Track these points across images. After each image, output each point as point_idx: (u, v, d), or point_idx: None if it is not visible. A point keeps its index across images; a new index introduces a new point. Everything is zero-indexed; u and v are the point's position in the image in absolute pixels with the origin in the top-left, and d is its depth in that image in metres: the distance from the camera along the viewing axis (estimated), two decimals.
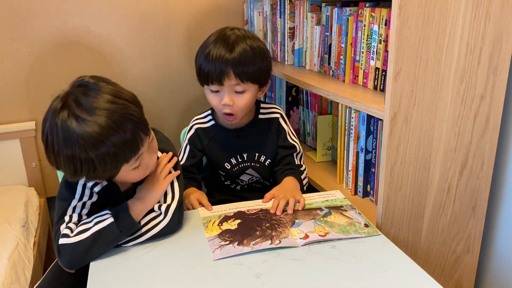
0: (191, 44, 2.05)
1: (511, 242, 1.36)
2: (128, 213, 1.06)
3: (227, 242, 1.06)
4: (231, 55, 1.25)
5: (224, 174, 1.44)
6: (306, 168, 1.45)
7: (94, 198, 1.12)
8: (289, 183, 1.32)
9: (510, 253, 1.37)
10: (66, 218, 1.07)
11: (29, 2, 1.79)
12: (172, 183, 1.16)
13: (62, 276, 1.20)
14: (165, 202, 1.13)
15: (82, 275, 0.99)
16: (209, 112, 1.45)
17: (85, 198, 1.10)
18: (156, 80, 2.06)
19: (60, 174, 1.46)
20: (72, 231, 1.04)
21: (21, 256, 1.43)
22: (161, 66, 2.03)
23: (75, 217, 1.08)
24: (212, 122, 1.43)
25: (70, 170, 0.97)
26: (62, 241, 1.03)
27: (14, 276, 1.32)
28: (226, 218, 1.17)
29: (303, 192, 1.35)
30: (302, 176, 1.39)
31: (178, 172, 1.17)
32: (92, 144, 0.94)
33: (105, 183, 1.12)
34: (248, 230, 1.11)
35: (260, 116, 1.43)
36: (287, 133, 1.44)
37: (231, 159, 1.42)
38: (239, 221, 1.15)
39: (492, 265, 1.43)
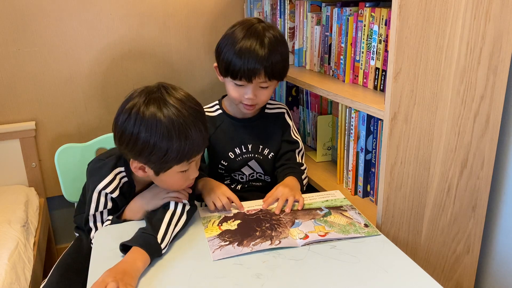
0: (191, 44, 2.05)
1: (511, 242, 1.36)
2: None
3: (227, 243, 1.06)
4: (263, 54, 1.28)
5: (226, 164, 1.45)
6: (307, 168, 1.46)
7: (109, 205, 1.19)
8: (289, 182, 1.32)
9: (510, 253, 1.37)
10: (92, 226, 1.19)
11: (29, 2, 1.79)
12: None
13: (68, 275, 1.20)
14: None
15: (87, 273, 1.00)
16: (217, 102, 1.49)
17: (100, 207, 1.18)
18: (156, 80, 2.06)
19: (60, 175, 1.47)
20: None
21: (21, 256, 1.43)
22: (161, 66, 2.03)
23: (99, 227, 1.19)
24: (219, 111, 1.46)
25: (142, 155, 1.06)
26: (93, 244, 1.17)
27: (14, 276, 1.32)
28: (226, 219, 1.17)
29: (303, 191, 1.36)
30: (303, 176, 1.40)
31: (182, 200, 1.18)
32: (176, 132, 1.04)
33: (124, 179, 1.20)
34: (248, 230, 1.11)
35: (267, 111, 1.48)
36: (291, 128, 1.48)
37: (236, 149, 1.44)
38: (238, 221, 1.15)
39: (492, 265, 1.43)
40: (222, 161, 1.45)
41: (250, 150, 1.45)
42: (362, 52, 1.36)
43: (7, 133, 1.83)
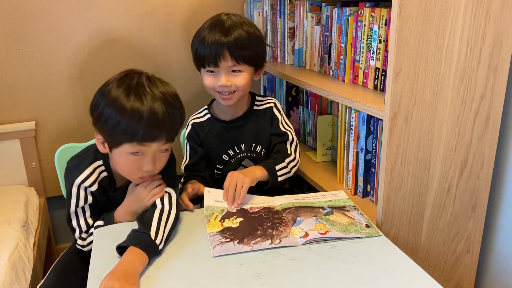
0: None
1: (511, 242, 1.36)
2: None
3: (228, 240, 1.06)
4: (227, 38, 1.28)
5: (221, 167, 1.45)
6: (297, 159, 1.42)
7: (90, 199, 1.18)
8: (246, 169, 1.32)
9: (510, 253, 1.37)
10: (75, 225, 1.18)
11: (29, 2, 1.79)
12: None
13: (66, 275, 1.20)
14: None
15: (85, 273, 1.00)
16: (205, 107, 1.48)
17: (81, 203, 1.17)
18: None
19: (60, 175, 1.47)
20: (84, 240, 1.19)
21: (21, 256, 1.43)
22: (160, 66, 2.03)
23: (83, 225, 1.19)
24: (208, 116, 1.46)
25: (99, 123, 1.11)
26: (79, 245, 1.20)
27: (14, 276, 1.32)
28: (228, 215, 1.17)
29: (277, 183, 1.34)
30: (278, 166, 1.35)
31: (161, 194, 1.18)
32: (130, 111, 1.05)
33: (104, 174, 1.20)
34: (250, 229, 1.11)
35: (255, 108, 1.46)
36: (280, 121, 1.45)
37: (229, 151, 1.44)
38: (241, 219, 1.15)
39: (492, 265, 1.43)
40: (217, 165, 1.45)
41: (243, 149, 1.45)
42: (362, 52, 1.36)
43: (7, 133, 1.83)
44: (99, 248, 1.08)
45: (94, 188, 1.17)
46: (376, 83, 1.34)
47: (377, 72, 1.32)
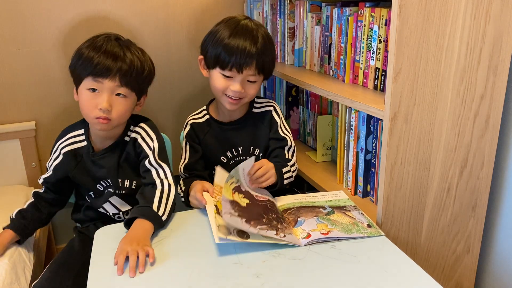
0: (191, 44, 2.05)
1: (511, 242, 1.36)
2: None
3: (237, 214, 1.07)
4: (256, 47, 1.29)
5: None
6: (296, 165, 1.42)
7: (58, 159, 1.31)
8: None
9: (510, 253, 1.37)
10: (42, 179, 1.35)
11: (29, 2, 1.79)
12: (158, 172, 1.27)
13: (60, 273, 1.21)
14: (158, 177, 1.25)
15: (80, 271, 1.01)
16: (204, 108, 1.48)
17: (51, 161, 1.32)
18: (156, 79, 2.06)
19: None
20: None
21: (21, 256, 1.43)
22: (160, 66, 2.03)
23: (41, 178, 1.34)
24: (207, 117, 1.45)
25: (70, 66, 1.27)
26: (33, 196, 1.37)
27: (14, 276, 1.32)
28: (239, 189, 1.17)
29: (284, 188, 1.35)
30: (284, 170, 1.35)
31: None
32: (94, 43, 1.26)
33: (83, 143, 1.31)
34: (256, 214, 1.11)
35: (254, 110, 1.46)
36: (279, 126, 1.44)
37: (227, 153, 1.43)
38: (247, 201, 1.15)
39: (492, 265, 1.43)
40: (215, 167, 1.45)
41: (241, 152, 1.44)
42: (362, 52, 1.36)
43: (7, 133, 1.83)
44: (99, 248, 1.08)
45: (65, 150, 1.30)
46: (376, 83, 1.34)
47: (377, 72, 1.32)
